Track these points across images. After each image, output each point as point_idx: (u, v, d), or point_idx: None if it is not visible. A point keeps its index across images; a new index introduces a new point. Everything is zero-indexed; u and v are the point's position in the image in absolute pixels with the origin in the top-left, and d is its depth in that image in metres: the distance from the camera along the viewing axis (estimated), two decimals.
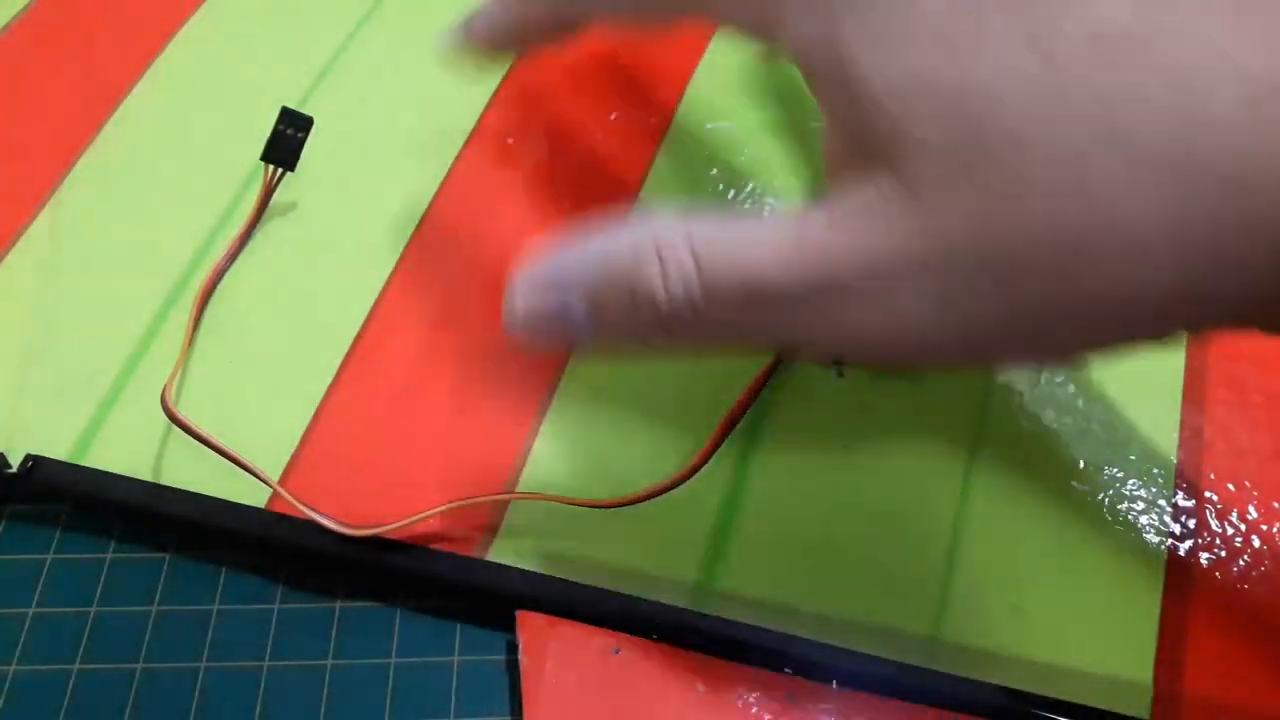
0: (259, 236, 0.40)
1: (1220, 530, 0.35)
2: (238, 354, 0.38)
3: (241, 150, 0.42)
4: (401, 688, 0.33)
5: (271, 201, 0.40)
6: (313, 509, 0.33)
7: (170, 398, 0.34)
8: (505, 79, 0.46)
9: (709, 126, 0.45)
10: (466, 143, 0.43)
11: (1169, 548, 0.35)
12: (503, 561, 0.34)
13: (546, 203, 0.42)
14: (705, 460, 0.35)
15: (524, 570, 0.34)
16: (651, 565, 0.34)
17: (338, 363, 0.37)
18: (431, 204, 0.41)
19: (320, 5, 0.48)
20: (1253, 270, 0.18)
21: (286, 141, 0.40)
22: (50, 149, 0.43)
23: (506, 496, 0.35)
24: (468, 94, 0.45)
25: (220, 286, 0.39)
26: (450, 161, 0.43)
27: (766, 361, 0.38)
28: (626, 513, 0.34)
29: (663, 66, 0.47)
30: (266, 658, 0.34)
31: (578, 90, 0.46)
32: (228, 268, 0.39)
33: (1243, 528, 0.35)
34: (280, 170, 0.40)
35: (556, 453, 0.36)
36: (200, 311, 0.38)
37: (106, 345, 0.38)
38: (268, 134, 0.39)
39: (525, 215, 0.42)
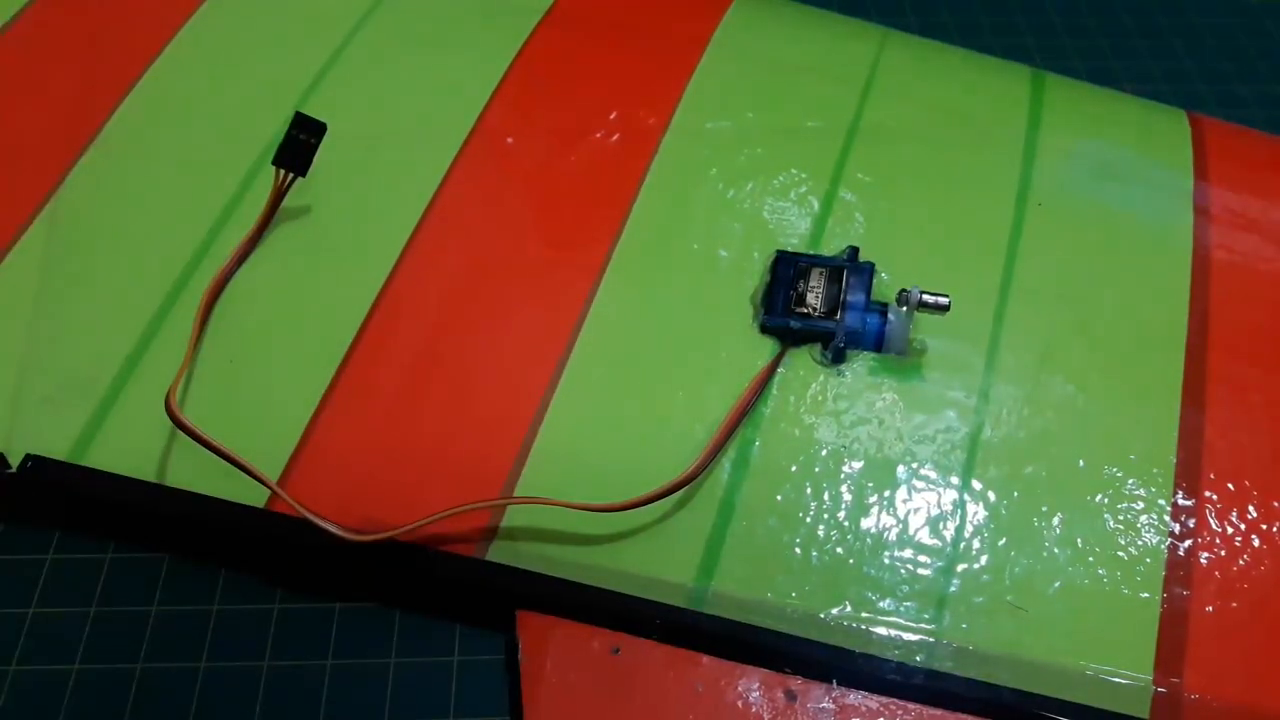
0: (264, 239, 0.40)
1: (1220, 530, 0.35)
2: (240, 355, 0.37)
3: (242, 151, 0.42)
4: (401, 688, 0.33)
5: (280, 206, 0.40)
6: (314, 512, 0.33)
7: (175, 402, 0.34)
8: (505, 79, 0.46)
9: (709, 126, 0.45)
10: (466, 143, 0.43)
11: (1169, 547, 0.35)
12: (503, 562, 0.34)
13: (546, 202, 0.42)
14: (707, 463, 0.35)
15: (524, 570, 0.34)
16: (650, 566, 0.34)
17: (337, 365, 0.37)
18: (431, 204, 0.41)
19: (319, 6, 0.48)
20: None
21: (299, 147, 0.39)
22: (50, 149, 0.43)
23: (509, 501, 0.35)
24: (468, 94, 0.45)
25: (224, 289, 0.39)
26: (450, 161, 0.43)
27: (765, 365, 0.38)
28: (626, 514, 0.34)
29: (663, 66, 0.47)
30: (266, 658, 0.34)
31: (578, 90, 0.46)
32: (235, 271, 0.39)
33: (1243, 528, 0.35)
34: (291, 175, 0.40)
35: (557, 454, 0.36)
36: (206, 315, 0.38)
37: (106, 345, 0.37)
38: (267, 134, 0.39)
39: (525, 215, 0.42)
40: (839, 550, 0.34)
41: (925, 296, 0.37)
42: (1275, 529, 0.35)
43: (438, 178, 0.42)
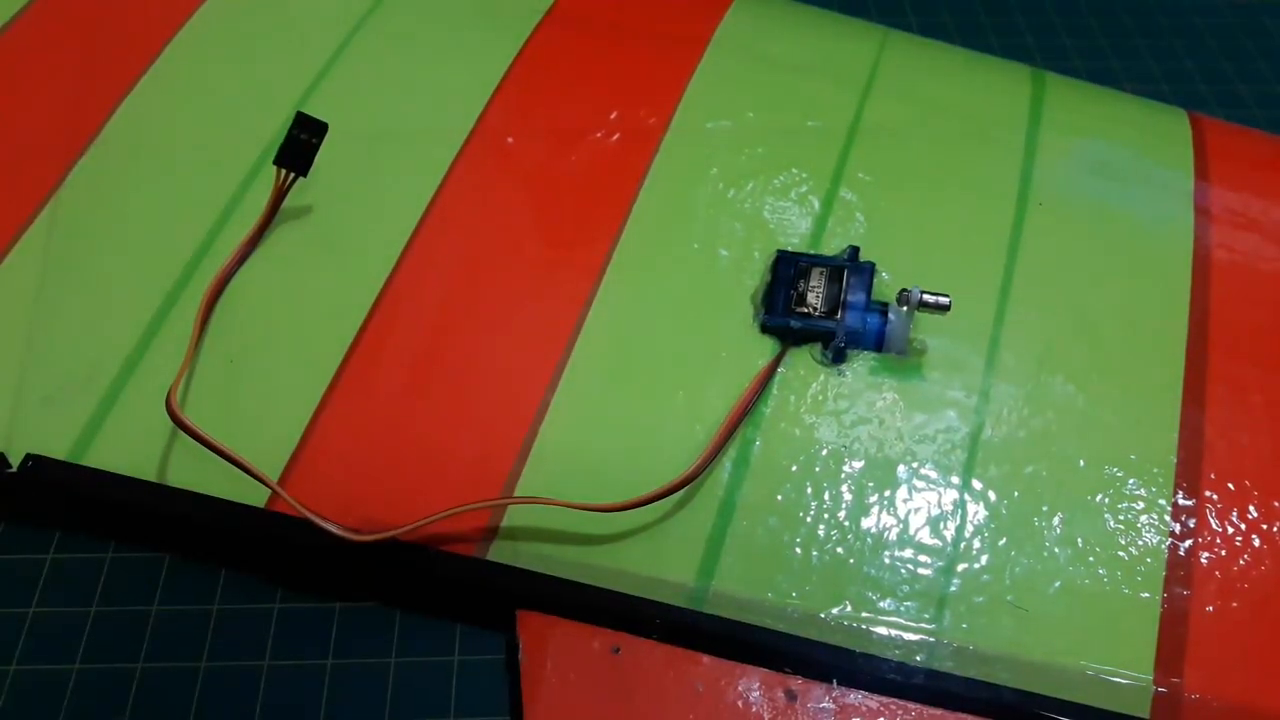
0: (265, 239, 0.40)
1: (1220, 530, 0.35)
2: (240, 355, 0.37)
3: (241, 150, 0.42)
4: (401, 688, 0.33)
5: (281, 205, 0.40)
6: (314, 512, 0.33)
7: (175, 402, 0.34)
8: (505, 79, 0.46)
9: (709, 126, 0.45)
10: (466, 143, 0.43)
11: (1169, 547, 0.35)
12: (503, 562, 0.34)
13: (546, 202, 0.42)
14: (707, 463, 0.35)
15: (524, 570, 0.34)
16: (650, 566, 0.34)
17: (337, 365, 0.37)
18: (431, 204, 0.41)
19: (319, 6, 0.48)
20: None
21: (300, 147, 0.39)
22: (50, 149, 0.43)
23: (510, 501, 0.35)
24: (468, 94, 0.45)
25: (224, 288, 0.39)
26: (450, 161, 0.43)
27: (765, 364, 0.38)
28: (626, 514, 0.34)
29: (663, 66, 0.47)
30: (266, 658, 0.34)
31: (578, 90, 0.46)
32: (236, 270, 0.39)
33: (1243, 528, 0.35)
34: (293, 175, 0.40)
35: (557, 454, 0.36)
36: (207, 315, 0.38)
37: (106, 345, 0.37)
38: (268, 134, 0.39)
39: (525, 214, 0.42)
40: (839, 550, 0.34)
41: (925, 296, 0.37)
42: (1275, 529, 0.35)
43: (438, 178, 0.42)
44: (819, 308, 0.38)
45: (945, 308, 0.37)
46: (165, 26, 0.47)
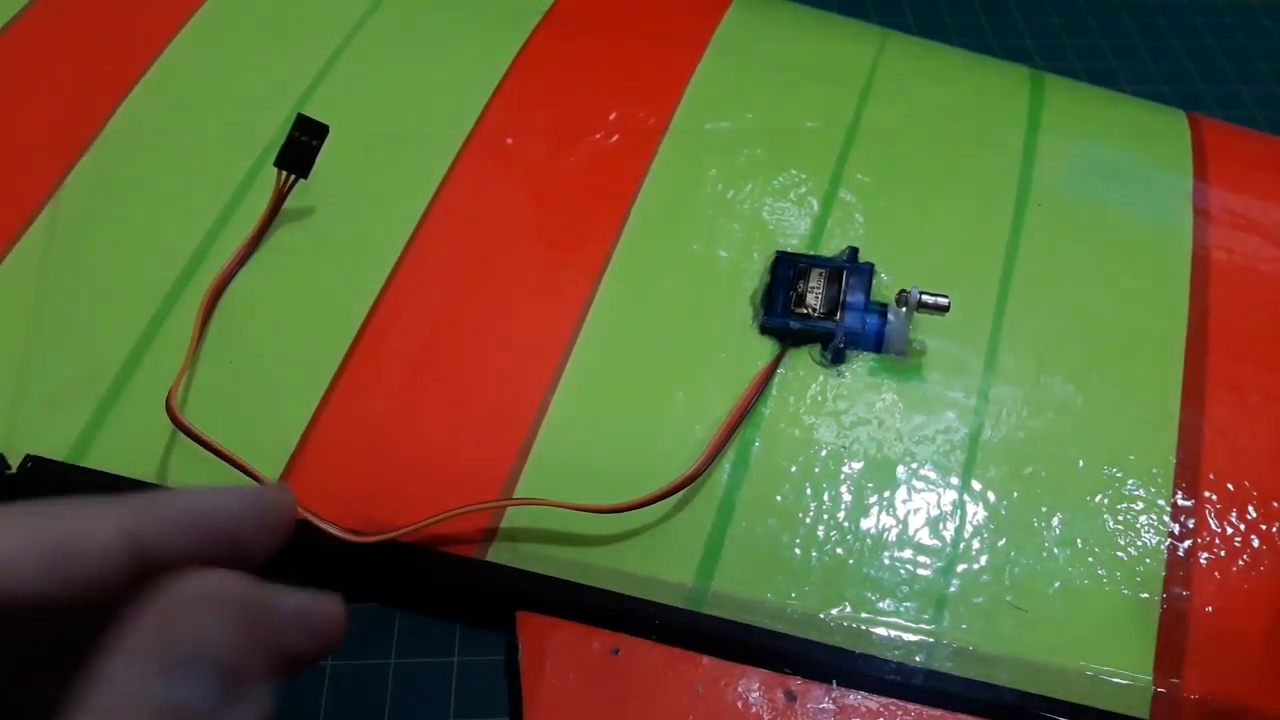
0: (265, 241, 0.40)
1: (1220, 530, 0.35)
2: (240, 356, 0.37)
3: (241, 151, 0.42)
4: (401, 688, 0.33)
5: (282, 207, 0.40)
6: (314, 513, 0.33)
7: (176, 403, 0.34)
8: (505, 79, 0.46)
9: (708, 126, 0.45)
10: (466, 143, 0.43)
11: (1168, 548, 0.35)
12: (503, 563, 0.34)
13: (546, 203, 0.42)
14: (707, 464, 0.35)
15: (524, 571, 0.34)
16: (650, 567, 0.34)
17: (337, 365, 0.37)
18: (431, 204, 0.41)
19: (320, 6, 0.48)
20: None
21: (301, 149, 0.39)
22: (50, 149, 0.42)
23: (511, 503, 0.35)
24: (468, 94, 0.45)
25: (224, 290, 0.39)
26: (450, 162, 0.43)
27: (765, 365, 0.38)
28: (626, 515, 0.34)
29: (662, 67, 0.47)
30: None
31: (578, 90, 0.46)
32: (236, 272, 0.39)
33: (1242, 528, 0.35)
34: (293, 177, 0.40)
35: (557, 454, 0.36)
36: (207, 316, 0.38)
37: (107, 345, 0.37)
38: (268, 135, 0.39)
39: (525, 215, 0.42)
40: (839, 550, 0.34)
41: (925, 297, 0.37)
42: (1275, 529, 0.35)
43: (438, 179, 0.42)
44: (818, 309, 0.38)
45: (944, 308, 0.37)
46: (165, 27, 0.47)
